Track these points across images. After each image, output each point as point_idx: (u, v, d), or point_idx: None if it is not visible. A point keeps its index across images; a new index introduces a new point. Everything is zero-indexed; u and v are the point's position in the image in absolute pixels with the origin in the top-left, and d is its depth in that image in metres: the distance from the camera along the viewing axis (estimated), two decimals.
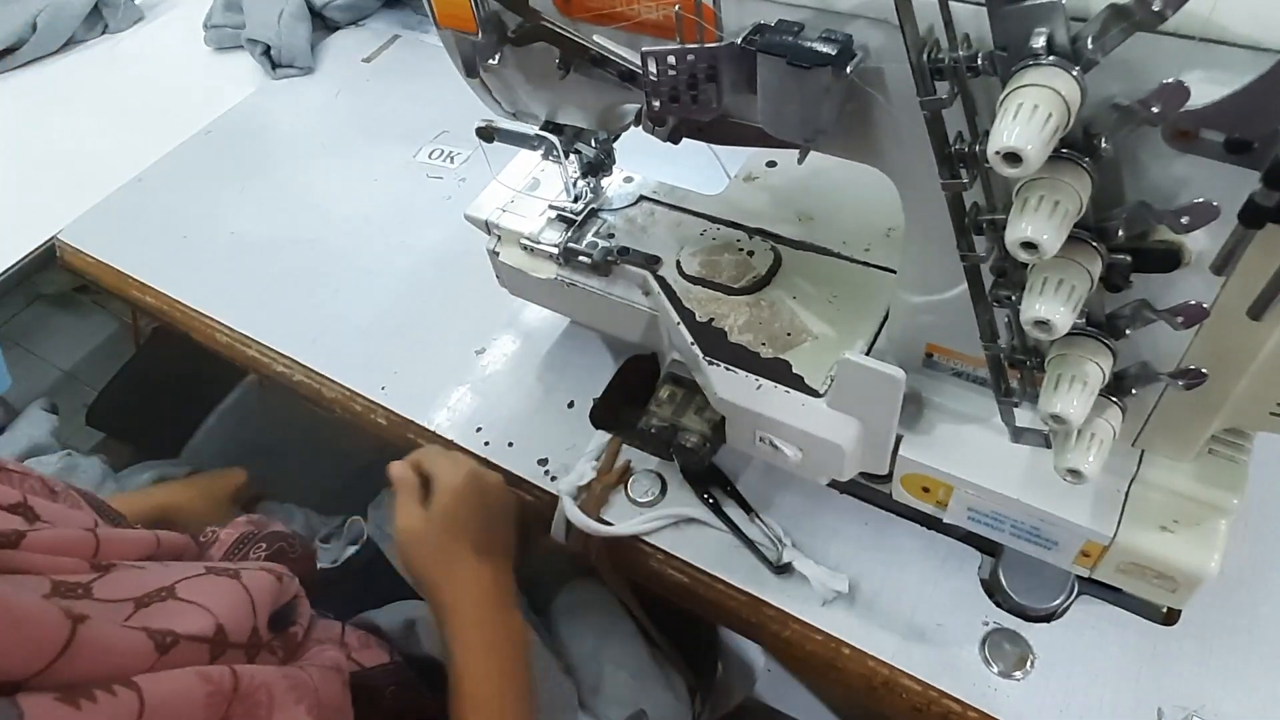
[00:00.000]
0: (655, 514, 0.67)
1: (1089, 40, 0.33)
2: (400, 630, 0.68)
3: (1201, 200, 0.35)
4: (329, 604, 0.63)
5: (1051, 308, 0.38)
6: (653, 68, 0.45)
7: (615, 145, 0.68)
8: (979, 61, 0.36)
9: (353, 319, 0.85)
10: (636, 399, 0.64)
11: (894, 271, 0.60)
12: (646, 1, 0.46)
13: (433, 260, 0.89)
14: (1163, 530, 0.50)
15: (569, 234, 0.67)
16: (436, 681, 0.59)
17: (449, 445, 0.74)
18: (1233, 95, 0.31)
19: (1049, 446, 0.48)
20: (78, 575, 0.42)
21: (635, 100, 0.55)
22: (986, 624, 0.60)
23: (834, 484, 0.66)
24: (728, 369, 0.57)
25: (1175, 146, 0.35)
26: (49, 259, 0.98)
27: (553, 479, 0.70)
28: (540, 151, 0.66)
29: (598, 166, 0.67)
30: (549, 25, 0.50)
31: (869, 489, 0.63)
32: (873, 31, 0.41)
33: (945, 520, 0.57)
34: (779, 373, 0.56)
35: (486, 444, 0.73)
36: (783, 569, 0.63)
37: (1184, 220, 0.35)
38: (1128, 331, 0.42)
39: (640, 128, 0.53)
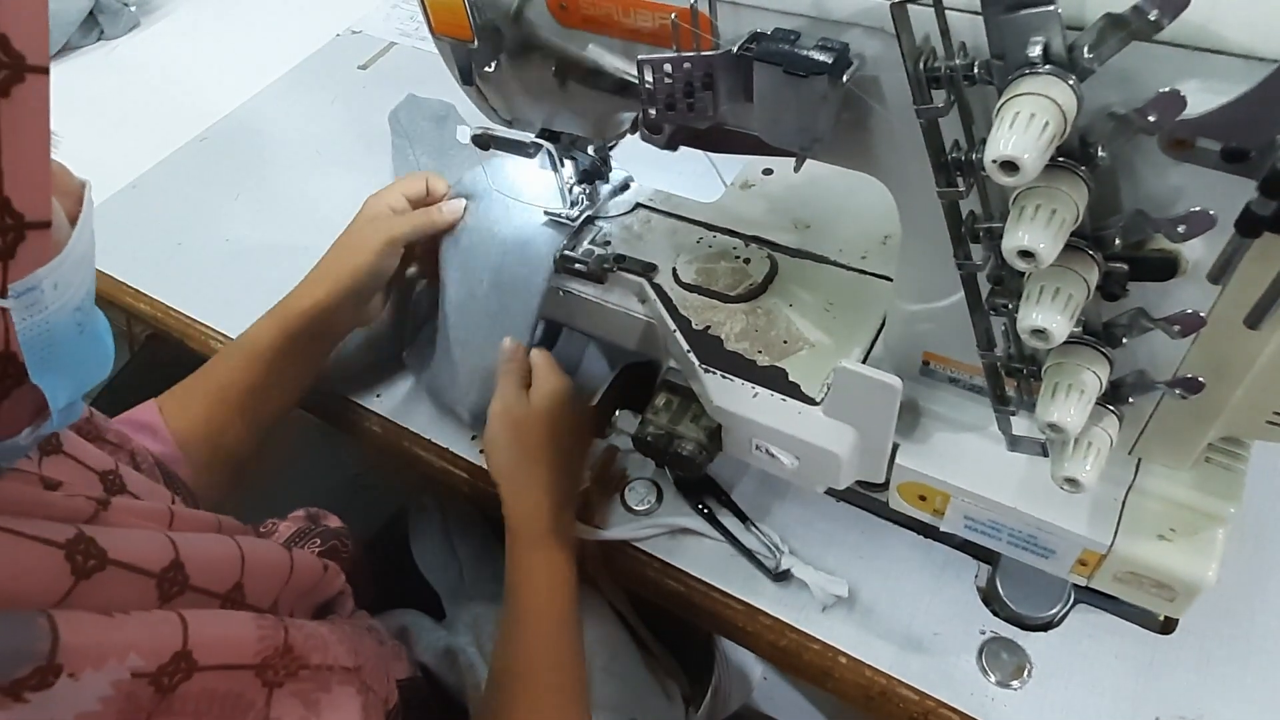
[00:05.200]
0: (651, 523, 0.66)
1: (1085, 49, 0.33)
2: (393, 635, 0.67)
3: (1198, 209, 0.35)
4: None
5: (1048, 316, 0.38)
6: (649, 76, 0.45)
7: (612, 153, 0.68)
8: (975, 70, 0.36)
9: None
10: (633, 406, 0.64)
11: (890, 279, 0.60)
12: (643, 10, 0.46)
13: None
14: (1160, 539, 0.49)
15: (565, 242, 0.67)
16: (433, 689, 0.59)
17: (444, 452, 0.73)
18: (1229, 104, 0.31)
19: (1046, 455, 0.48)
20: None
21: (632, 108, 0.55)
22: (984, 633, 0.60)
23: (831, 492, 0.66)
24: (724, 377, 0.57)
25: (1172, 155, 0.35)
26: None
27: None
28: (537, 159, 0.66)
29: (594, 174, 0.67)
30: (545, 34, 0.50)
31: (866, 497, 0.63)
32: (869, 40, 0.41)
33: (942, 529, 0.57)
34: (775, 380, 0.56)
35: (483, 451, 0.73)
36: (781, 576, 0.63)
37: (1181, 229, 0.35)
38: (1125, 340, 0.42)
39: (637, 136, 0.53)
